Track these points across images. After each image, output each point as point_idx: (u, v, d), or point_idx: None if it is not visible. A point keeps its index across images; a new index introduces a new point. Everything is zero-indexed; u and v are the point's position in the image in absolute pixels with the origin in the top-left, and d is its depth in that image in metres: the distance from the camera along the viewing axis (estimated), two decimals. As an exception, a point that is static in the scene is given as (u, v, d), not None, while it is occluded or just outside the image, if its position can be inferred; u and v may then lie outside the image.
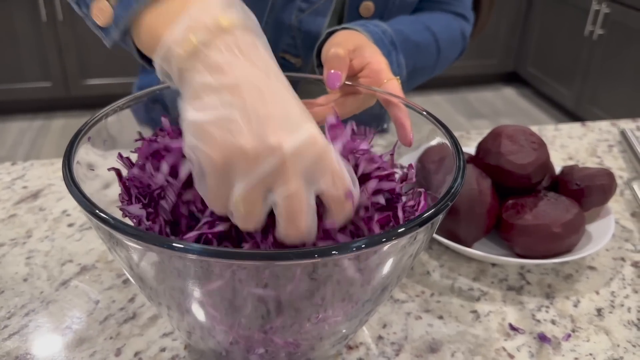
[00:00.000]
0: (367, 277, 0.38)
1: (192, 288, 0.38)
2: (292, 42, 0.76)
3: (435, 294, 0.58)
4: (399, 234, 0.35)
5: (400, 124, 0.51)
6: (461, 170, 0.41)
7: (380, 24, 0.69)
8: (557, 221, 0.60)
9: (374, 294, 0.41)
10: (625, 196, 0.77)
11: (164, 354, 0.50)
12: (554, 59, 3.10)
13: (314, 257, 0.33)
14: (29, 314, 0.54)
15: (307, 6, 0.73)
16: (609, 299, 0.59)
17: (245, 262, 0.34)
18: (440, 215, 0.37)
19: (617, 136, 0.94)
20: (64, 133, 2.80)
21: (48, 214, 0.69)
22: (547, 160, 0.65)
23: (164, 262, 0.37)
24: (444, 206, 0.37)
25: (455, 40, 0.82)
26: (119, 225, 0.33)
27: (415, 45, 0.73)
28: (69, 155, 0.41)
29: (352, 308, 0.41)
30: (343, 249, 0.33)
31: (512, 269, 0.62)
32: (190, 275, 0.37)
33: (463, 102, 3.26)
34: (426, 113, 0.50)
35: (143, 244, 0.34)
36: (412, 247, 0.39)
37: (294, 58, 0.77)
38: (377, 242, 0.34)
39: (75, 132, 0.43)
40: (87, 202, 0.35)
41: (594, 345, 0.53)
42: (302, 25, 0.75)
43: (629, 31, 2.54)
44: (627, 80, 2.59)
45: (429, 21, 0.78)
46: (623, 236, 0.69)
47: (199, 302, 0.39)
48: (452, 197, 0.38)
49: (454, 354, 0.51)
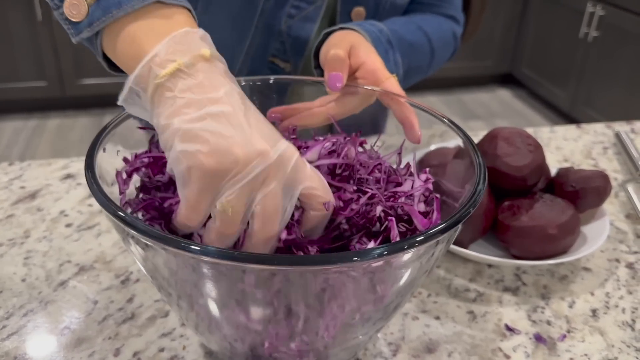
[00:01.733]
0: (382, 288, 0.39)
1: (203, 284, 0.38)
2: (282, 47, 0.76)
3: (432, 295, 0.59)
4: (421, 242, 0.35)
5: (408, 122, 0.51)
6: (482, 174, 0.42)
7: (377, 24, 0.69)
8: (553, 223, 0.60)
9: (386, 311, 0.42)
10: (619, 198, 0.77)
11: (162, 354, 0.50)
12: (549, 61, 3.11)
13: (330, 263, 0.34)
14: (27, 314, 0.54)
15: (296, 12, 0.74)
16: (604, 300, 0.59)
17: (258, 266, 0.34)
18: (461, 223, 0.37)
19: (612, 138, 0.94)
20: (59, 133, 2.80)
21: (46, 214, 0.69)
22: (542, 163, 0.65)
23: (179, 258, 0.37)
24: (465, 213, 0.38)
25: (447, 41, 0.83)
26: (142, 227, 0.35)
27: (410, 45, 0.73)
28: (92, 157, 0.42)
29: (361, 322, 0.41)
30: (363, 255, 0.33)
31: (508, 270, 0.63)
32: (204, 273, 0.37)
33: (458, 103, 3.27)
34: (447, 120, 0.50)
35: (161, 245, 0.34)
36: (430, 257, 0.40)
37: (283, 63, 0.77)
38: (399, 249, 0.34)
39: (97, 133, 0.45)
40: (110, 203, 0.37)
41: (589, 345, 0.53)
42: (291, 31, 0.75)
43: (623, 33, 2.56)
44: (622, 82, 2.60)
45: (421, 22, 0.78)
46: (617, 238, 0.69)
47: (210, 297, 0.39)
48: (474, 204, 0.39)
49: (450, 354, 0.52)
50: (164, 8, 0.41)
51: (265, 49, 0.76)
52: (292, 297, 0.37)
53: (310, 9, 0.74)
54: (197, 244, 0.34)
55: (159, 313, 0.55)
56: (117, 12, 0.40)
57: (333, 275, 0.36)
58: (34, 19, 2.70)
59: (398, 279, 0.39)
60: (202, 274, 0.37)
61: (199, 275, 0.37)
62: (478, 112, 3.17)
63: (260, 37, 0.75)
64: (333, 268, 0.35)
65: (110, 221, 0.39)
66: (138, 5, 0.40)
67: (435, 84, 3.33)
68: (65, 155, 2.58)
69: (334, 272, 0.36)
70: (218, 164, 0.36)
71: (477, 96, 3.37)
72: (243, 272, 0.36)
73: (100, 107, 3.02)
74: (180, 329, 0.53)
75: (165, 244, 0.34)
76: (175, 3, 0.41)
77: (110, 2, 0.40)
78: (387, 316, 0.44)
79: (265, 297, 0.37)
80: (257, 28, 0.74)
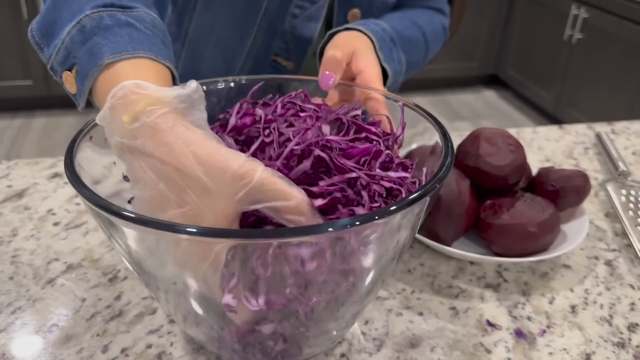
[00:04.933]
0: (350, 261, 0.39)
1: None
2: (285, 47, 0.77)
3: (415, 292, 0.60)
4: (391, 212, 0.36)
5: (384, 128, 0.53)
6: (449, 154, 0.43)
7: (380, 23, 0.71)
8: (533, 221, 0.62)
9: (359, 294, 0.42)
10: (599, 197, 0.79)
11: (150, 351, 0.51)
12: (533, 62, 3.15)
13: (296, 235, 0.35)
14: (15, 312, 0.55)
15: (300, 12, 0.75)
16: (583, 296, 0.61)
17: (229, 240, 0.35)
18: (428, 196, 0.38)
19: (593, 139, 0.96)
20: (45, 132, 2.78)
21: (33, 212, 0.69)
22: (523, 162, 0.67)
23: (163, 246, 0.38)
24: (431, 187, 0.39)
25: (438, 33, 0.85)
26: (116, 210, 0.35)
27: (409, 41, 0.75)
28: (72, 149, 0.42)
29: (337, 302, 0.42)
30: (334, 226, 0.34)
31: (490, 267, 0.64)
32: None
33: (444, 104, 3.29)
34: (417, 107, 0.53)
35: (142, 227, 0.35)
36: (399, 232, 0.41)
37: (286, 61, 0.78)
38: (369, 218, 0.35)
39: (79, 129, 0.46)
40: (87, 189, 0.37)
41: (568, 340, 0.55)
42: (295, 31, 0.76)
43: (606, 35, 2.60)
44: (605, 83, 2.64)
45: (414, 17, 0.80)
46: (597, 236, 0.71)
47: (194, 286, 0.40)
48: (441, 180, 0.40)
49: (433, 349, 0.53)
50: (113, 67, 0.42)
51: (267, 48, 0.77)
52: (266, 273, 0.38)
53: (313, 8, 0.75)
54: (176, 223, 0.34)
55: (146, 310, 0.55)
56: (87, 82, 0.42)
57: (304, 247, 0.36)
58: (20, 17, 2.68)
59: (365, 252, 0.39)
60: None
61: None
62: (464, 113, 3.20)
63: (263, 36, 0.76)
64: (305, 239, 0.35)
65: (93, 216, 0.40)
66: (97, 72, 0.42)
67: (421, 85, 3.36)
68: (51, 155, 2.57)
69: (304, 243, 0.36)
70: None
71: (462, 97, 3.40)
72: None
73: (86, 107, 3.00)
74: (168, 325, 0.54)
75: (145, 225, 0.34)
76: (124, 58, 0.42)
77: (82, 73, 0.43)
78: (360, 300, 0.45)
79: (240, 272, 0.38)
80: (260, 27, 0.75)
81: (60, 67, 0.45)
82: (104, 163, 0.46)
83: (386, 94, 0.55)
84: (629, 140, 0.96)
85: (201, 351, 0.51)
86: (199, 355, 0.51)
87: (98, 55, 0.42)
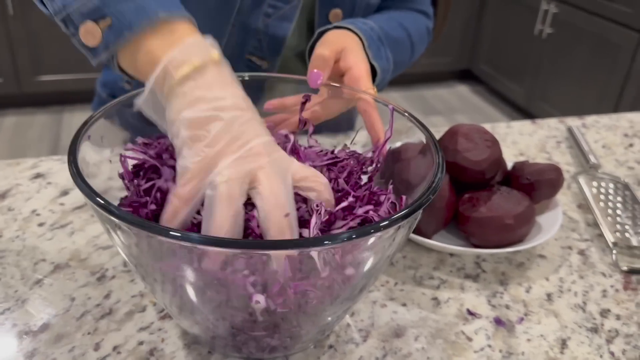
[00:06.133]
0: (349, 269, 0.41)
1: (185, 267, 0.40)
2: (258, 45, 0.78)
3: (399, 283, 0.62)
4: (385, 227, 0.38)
5: (376, 138, 0.56)
6: (440, 166, 0.45)
7: (367, 22, 0.72)
8: (510, 213, 0.64)
9: (353, 291, 0.44)
10: (572, 189, 0.82)
11: (142, 347, 0.52)
12: (505, 57, 3.21)
13: (297, 247, 0.36)
14: (4, 312, 0.55)
15: (273, 11, 0.76)
16: (558, 285, 0.64)
17: (230, 250, 0.36)
18: (421, 209, 0.40)
19: (565, 133, 1.00)
20: (16, 130, 2.74)
21: (17, 213, 0.69)
22: (499, 157, 0.69)
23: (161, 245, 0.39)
24: (426, 200, 0.41)
25: (422, 35, 0.86)
26: (122, 215, 0.37)
27: (395, 41, 0.76)
28: (75, 149, 0.44)
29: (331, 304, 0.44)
30: (332, 239, 0.36)
31: (469, 259, 0.67)
32: (184, 257, 0.39)
33: (419, 99, 3.33)
34: (407, 114, 0.54)
35: (145, 232, 0.37)
36: (394, 241, 0.42)
37: (260, 60, 0.79)
38: (365, 233, 0.37)
39: (80, 126, 0.47)
40: (90, 190, 0.39)
41: (545, 327, 0.58)
42: (268, 30, 0.77)
43: (576, 30, 2.66)
44: (575, 77, 2.70)
45: (400, 18, 0.82)
46: (570, 226, 0.74)
47: (191, 281, 0.41)
48: (434, 191, 0.42)
49: (417, 338, 0.55)
50: (171, 22, 0.45)
51: (242, 47, 0.78)
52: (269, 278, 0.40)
53: (286, 8, 0.76)
54: (178, 230, 0.36)
55: (136, 308, 0.56)
56: (129, 34, 0.45)
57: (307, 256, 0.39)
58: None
59: (364, 260, 0.42)
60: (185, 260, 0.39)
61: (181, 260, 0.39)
62: (438, 108, 3.24)
63: (237, 36, 0.77)
64: (308, 250, 0.38)
65: (94, 212, 0.41)
66: (148, 26, 0.44)
67: (396, 80, 3.37)
68: (24, 153, 2.53)
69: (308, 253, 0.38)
70: (216, 150, 0.40)
71: (437, 92, 3.45)
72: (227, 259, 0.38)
73: (59, 104, 2.97)
74: (158, 322, 0.55)
75: (150, 232, 0.36)
76: (178, 18, 0.46)
77: (122, 26, 0.45)
78: (353, 297, 0.46)
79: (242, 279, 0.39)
80: (234, 27, 0.76)
81: (82, 17, 0.46)
82: (93, 161, 0.47)
83: (375, 98, 0.57)
84: (599, 134, 1.00)
85: (192, 346, 0.52)
86: (190, 351, 0.52)
87: (148, 10, 0.44)
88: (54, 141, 2.68)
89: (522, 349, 0.55)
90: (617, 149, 0.95)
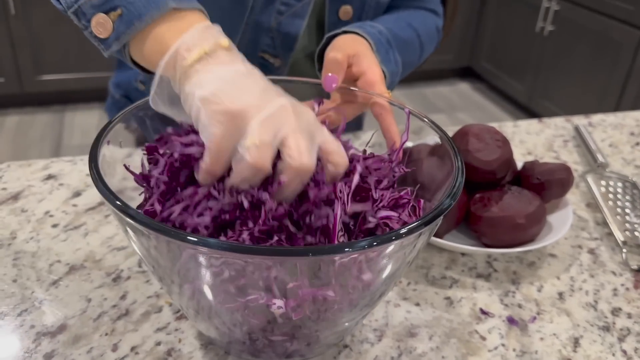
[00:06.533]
0: (369, 276, 0.42)
1: (204, 271, 0.41)
2: (271, 43, 0.79)
3: (411, 283, 0.62)
4: (407, 233, 0.38)
5: (391, 141, 0.56)
6: (460, 170, 0.45)
7: (376, 25, 0.73)
8: (521, 213, 0.64)
9: (372, 298, 0.45)
10: (580, 188, 0.83)
11: (159, 348, 0.52)
12: (507, 55, 3.21)
13: (320, 254, 0.36)
14: (22, 314, 0.56)
15: (285, 9, 0.76)
16: (569, 284, 0.64)
17: (249, 256, 0.37)
18: (442, 216, 0.41)
19: (572, 131, 1.00)
20: (18, 130, 2.74)
21: (31, 215, 0.69)
22: (510, 157, 0.69)
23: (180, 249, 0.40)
24: (447, 205, 0.41)
25: (432, 34, 0.87)
26: (145, 221, 0.37)
27: (404, 42, 0.76)
28: (95, 154, 0.44)
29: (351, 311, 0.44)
30: (350, 247, 0.36)
31: (480, 258, 0.67)
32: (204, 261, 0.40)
33: (420, 97, 3.33)
34: (427, 119, 0.54)
35: (163, 237, 0.37)
36: (414, 247, 0.43)
37: (273, 58, 0.80)
38: (386, 240, 0.37)
39: (100, 130, 0.47)
40: (114, 197, 0.39)
41: (557, 326, 0.58)
42: (280, 27, 0.77)
43: (577, 27, 2.66)
44: (576, 74, 2.71)
45: (409, 18, 0.82)
46: (580, 225, 0.74)
47: (211, 285, 0.42)
48: (455, 196, 0.42)
49: (431, 337, 0.55)
50: (180, 11, 0.46)
51: (255, 45, 0.79)
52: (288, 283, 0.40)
53: (298, 5, 0.76)
54: (195, 235, 0.36)
55: (152, 309, 0.57)
56: (139, 23, 0.45)
57: (325, 263, 0.39)
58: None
59: (384, 267, 0.42)
60: (202, 264, 0.40)
61: (199, 264, 0.40)
62: (439, 105, 3.25)
63: (250, 34, 0.77)
64: (326, 258, 0.38)
65: (113, 215, 0.41)
66: (157, 15, 0.45)
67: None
68: (26, 153, 2.53)
69: (326, 261, 0.39)
70: (239, 105, 0.40)
71: (438, 89, 3.45)
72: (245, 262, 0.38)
73: (60, 104, 2.97)
74: (175, 323, 0.55)
75: (168, 236, 0.36)
76: (188, 7, 0.46)
77: (132, 15, 0.45)
78: (372, 303, 0.47)
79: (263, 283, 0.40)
80: (247, 25, 0.76)
81: (94, 9, 0.47)
82: (108, 161, 0.48)
83: (391, 101, 0.57)
84: (605, 133, 1.00)
85: (209, 347, 0.53)
86: (207, 351, 0.52)
87: (158, 0, 0.45)
88: (56, 140, 2.68)
89: (535, 347, 0.55)
90: (623, 147, 0.95)
